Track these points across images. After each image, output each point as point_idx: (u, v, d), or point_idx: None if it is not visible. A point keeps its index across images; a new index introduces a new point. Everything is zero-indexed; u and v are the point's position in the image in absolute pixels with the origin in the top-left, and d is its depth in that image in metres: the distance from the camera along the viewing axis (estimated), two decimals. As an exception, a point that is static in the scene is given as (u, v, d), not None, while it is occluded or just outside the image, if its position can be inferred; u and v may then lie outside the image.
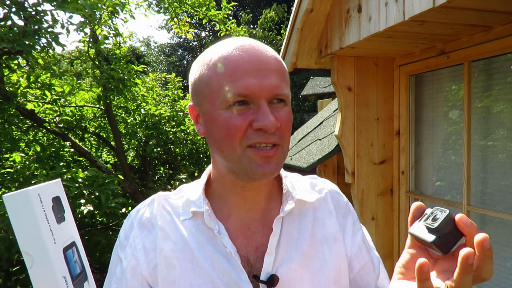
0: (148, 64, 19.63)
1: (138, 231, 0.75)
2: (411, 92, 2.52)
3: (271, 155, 0.65)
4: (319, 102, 5.26)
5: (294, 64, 2.56)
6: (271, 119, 0.62)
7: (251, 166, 0.65)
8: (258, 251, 0.73)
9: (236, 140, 0.64)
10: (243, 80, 0.63)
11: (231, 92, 0.63)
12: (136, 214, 0.78)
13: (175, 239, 0.72)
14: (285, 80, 0.68)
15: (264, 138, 0.63)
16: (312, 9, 2.29)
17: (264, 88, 0.63)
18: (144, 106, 5.66)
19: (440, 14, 1.58)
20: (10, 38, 2.90)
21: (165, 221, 0.75)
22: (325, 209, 0.80)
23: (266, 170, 0.65)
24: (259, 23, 10.23)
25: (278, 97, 0.65)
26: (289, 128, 0.68)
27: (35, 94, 4.48)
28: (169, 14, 6.07)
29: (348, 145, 2.47)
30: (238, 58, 0.64)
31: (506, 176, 1.95)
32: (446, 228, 0.50)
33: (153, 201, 0.78)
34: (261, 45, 0.69)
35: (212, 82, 0.66)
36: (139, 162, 5.97)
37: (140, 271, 0.72)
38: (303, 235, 0.75)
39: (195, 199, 0.75)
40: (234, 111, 0.64)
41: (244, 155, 0.65)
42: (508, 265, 1.96)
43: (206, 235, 0.72)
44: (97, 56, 4.55)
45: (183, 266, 0.70)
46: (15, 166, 4.27)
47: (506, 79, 1.94)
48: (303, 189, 0.81)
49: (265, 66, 0.65)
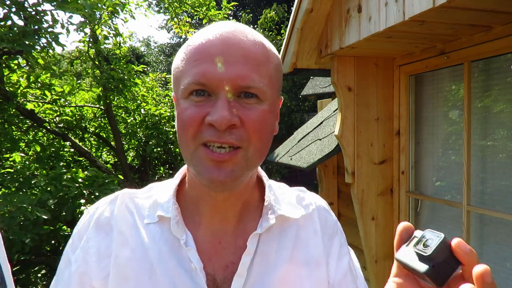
0: (148, 64, 19.62)
1: (94, 232, 0.64)
2: (411, 92, 2.52)
3: (223, 160, 0.54)
4: (319, 102, 5.26)
5: (294, 64, 2.56)
6: (222, 114, 0.52)
7: (199, 169, 0.55)
8: (227, 270, 0.62)
9: (189, 135, 0.55)
10: (202, 65, 0.54)
11: (188, 79, 0.55)
12: (94, 211, 0.66)
13: (134, 246, 0.62)
14: (262, 71, 0.56)
15: (216, 136, 0.53)
16: (312, 9, 2.29)
17: (225, 77, 0.53)
18: (144, 106, 5.67)
19: (440, 14, 1.58)
20: (10, 38, 2.90)
21: (125, 224, 0.64)
22: (310, 228, 0.69)
23: (215, 176, 0.54)
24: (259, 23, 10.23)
25: (246, 90, 0.54)
26: (259, 130, 0.56)
27: (35, 94, 4.48)
28: (169, 14, 6.08)
29: (348, 145, 2.47)
30: (205, 42, 0.55)
31: (506, 176, 1.95)
32: (441, 256, 0.43)
33: (116, 199, 0.67)
34: (242, 29, 0.58)
35: (178, 69, 0.58)
36: (139, 162, 5.97)
37: (89, 279, 0.61)
38: (281, 257, 0.64)
39: (164, 201, 0.65)
40: (192, 101, 0.55)
41: (195, 154, 0.55)
42: (508, 265, 1.96)
43: (170, 245, 0.62)
44: (97, 56, 4.55)
45: (138, 279, 0.60)
46: (15, 166, 4.27)
47: (506, 79, 1.94)
48: (288, 202, 0.70)
49: (233, 52, 0.54)
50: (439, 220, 2.41)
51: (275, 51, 0.62)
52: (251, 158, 0.57)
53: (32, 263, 3.98)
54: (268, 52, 0.59)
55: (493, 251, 2.04)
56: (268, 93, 0.57)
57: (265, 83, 0.56)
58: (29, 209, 2.83)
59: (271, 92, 0.58)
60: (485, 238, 2.09)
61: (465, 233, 2.11)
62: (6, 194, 3.12)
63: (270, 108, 0.58)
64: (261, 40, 0.59)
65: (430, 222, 2.44)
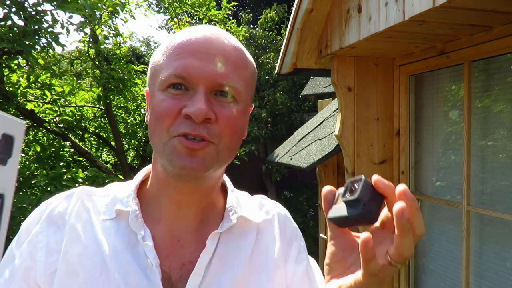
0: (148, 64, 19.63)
1: (45, 226, 0.61)
2: (411, 92, 2.52)
3: (196, 148, 0.55)
4: (319, 102, 5.26)
5: (294, 64, 2.57)
6: (200, 106, 0.53)
7: (172, 157, 0.56)
8: (184, 269, 0.61)
9: (164, 126, 0.56)
10: (184, 60, 0.56)
11: (168, 71, 0.56)
12: (47, 206, 0.64)
13: (86, 242, 0.60)
14: (240, 74, 0.59)
15: (191, 128, 0.54)
16: (312, 9, 2.29)
17: (206, 73, 0.55)
18: (144, 106, 5.66)
19: (440, 14, 1.58)
20: (10, 38, 2.90)
21: (79, 220, 0.62)
22: (270, 233, 0.70)
23: (187, 163, 0.55)
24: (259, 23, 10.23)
25: (223, 88, 0.57)
26: (231, 127, 0.58)
27: (35, 94, 4.48)
28: (169, 14, 6.08)
29: (348, 145, 2.47)
30: (188, 38, 0.58)
31: (506, 176, 1.95)
32: (367, 194, 0.46)
33: (72, 195, 0.65)
34: (226, 35, 0.61)
35: (158, 63, 0.60)
36: (139, 162, 5.97)
37: (34, 274, 0.58)
38: (240, 258, 0.64)
39: (123, 196, 0.64)
40: (169, 93, 0.56)
41: (169, 143, 0.56)
42: (508, 265, 1.96)
43: (126, 241, 0.61)
44: (97, 56, 4.55)
45: (88, 275, 0.58)
46: (15, 166, 4.26)
47: (506, 79, 1.94)
48: (249, 207, 0.71)
49: (215, 51, 0.57)
50: (439, 220, 2.41)
51: (251, 59, 0.65)
52: (222, 152, 0.58)
53: (32, 263, 3.98)
54: (247, 59, 0.63)
55: (493, 251, 2.04)
56: (243, 95, 0.60)
57: (242, 85, 0.59)
58: (29, 209, 2.83)
59: (246, 96, 0.61)
60: (485, 238, 2.09)
61: (465, 233, 2.11)
62: (6, 194, 3.12)
63: (243, 109, 0.61)
64: (241, 47, 0.62)
65: (430, 222, 2.44)
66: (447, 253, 2.34)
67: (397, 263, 0.45)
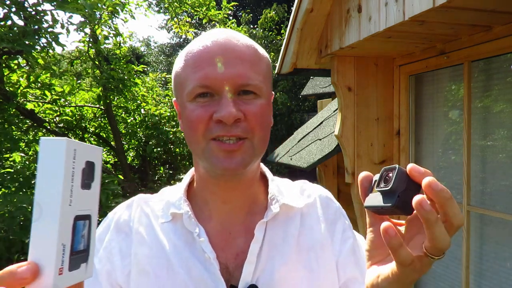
0: (148, 64, 19.63)
1: (115, 234, 0.69)
2: (411, 92, 2.52)
3: (234, 149, 0.60)
4: (319, 102, 5.27)
5: (294, 64, 2.57)
6: (229, 110, 0.58)
7: (212, 160, 0.61)
8: (238, 258, 0.67)
9: (199, 133, 0.61)
10: (204, 70, 0.60)
11: (193, 83, 0.61)
12: (113, 216, 0.72)
13: (151, 244, 0.68)
14: (256, 69, 0.63)
15: (225, 130, 0.59)
16: (312, 9, 2.29)
17: (227, 78, 0.60)
18: (144, 106, 5.67)
19: (440, 14, 1.58)
20: (10, 38, 2.90)
21: (142, 225, 0.70)
22: (313, 215, 0.74)
23: (227, 165, 0.60)
24: (259, 23, 10.23)
25: (245, 88, 0.61)
26: (260, 121, 0.62)
27: (35, 94, 4.48)
28: (169, 14, 6.08)
29: (348, 145, 2.47)
30: (203, 48, 0.62)
31: (506, 176, 1.95)
32: (402, 184, 0.45)
33: (132, 204, 0.73)
34: (235, 35, 0.65)
35: (181, 75, 0.64)
36: (139, 162, 5.98)
37: (115, 277, 0.66)
38: (288, 243, 0.69)
39: (175, 200, 0.71)
40: (198, 103, 0.61)
41: (207, 148, 0.61)
42: (508, 265, 1.96)
43: (184, 239, 0.67)
44: (97, 56, 4.55)
45: (157, 273, 0.65)
46: (15, 166, 4.27)
47: (506, 79, 1.94)
48: (291, 193, 0.75)
49: (230, 55, 0.61)
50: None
51: (264, 52, 0.69)
52: (256, 146, 0.63)
53: (32, 263, 3.98)
54: (260, 54, 0.67)
55: (493, 251, 2.04)
56: (264, 89, 0.64)
57: (260, 80, 0.63)
58: (29, 209, 2.83)
59: (266, 88, 0.65)
60: (485, 238, 2.09)
61: (465, 233, 2.11)
62: (6, 194, 3.12)
63: (266, 101, 0.65)
64: (252, 43, 0.66)
65: (430, 222, 2.44)
66: (447, 253, 2.33)
67: (432, 254, 0.43)
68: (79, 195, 0.42)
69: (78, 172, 0.42)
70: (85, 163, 0.43)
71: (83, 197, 0.43)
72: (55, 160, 0.40)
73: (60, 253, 0.39)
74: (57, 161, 0.40)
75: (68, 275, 0.41)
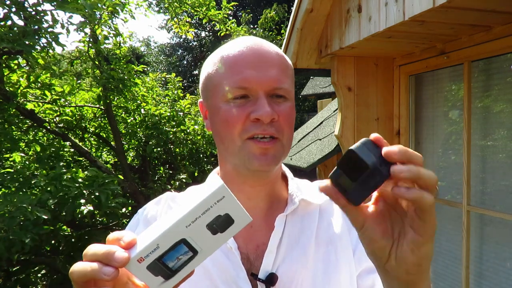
0: (148, 64, 19.62)
1: (143, 228, 0.75)
2: (411, 92, 2.52)
3: (268, 147, 0.65)
4: (319, 102, 5.27)
5: (294, 64, 2.57)
6: (266, 109, 0.63)
7: (249, 157, 0.65)
8: (259, 250, 0.72)
9: (235, 132, 0.65)
10: (242, 73, 0.65)
11: (231, 85, 0.65)
12: (142, 212, 0.79)
13: None
14: (286, 75, 0.69)
15: (261, 129, 0.64)
16: (312, 9, 2.29)
17: (263, 81, 0.65)
18: (144, 106, 5.66)
19: (440, 14, 1.58)
20: (10, 38, 2.90)
21: None
22: (331, 211, 0.78)
23: (263, 161, 0.65)
24: (259, 23, 10.23)
25: (277, 91, 0.66)
26: (289, 122, 0.68)
27: (35, 94, 4.48)
28: (169, 14, 6.08)
29: (348, 145, 2.47)
30: (238, 53, 0.67)
31: (506, 176, 1.95)
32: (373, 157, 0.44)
33: (160, 200, 0.79)
34: (265, 42, 0.70)
35: (215, 78, 0.69)
36: (139, 162, 5.97)
37: None
38: (306, 236, 0.73)
39: None
40: (235, 103, 0.65)
41: (243, 147, 0.66)
42: (508, 265, 1.96)
43: None
44: (97, 56, 4.55)
45: None
46: (15, 166, 4.27)
47: (506, 79, 1.94)
48: (310, 191, 0.79)
49: (264, 60, 0.66)
50: (439, 220, 2.41)
51: (288, 58, 0.74)
52: (285, 145, 0.69)
53: (32, 263, 3.98)
54: (287, 60, 0.72)
55: (493, 251, 2.04)
56: (292, 93, 0.70)
57: (290, 84, 0.69)
58: (29, 209, 2.83)
59: (292, 92, 0.71)
60: (485, 238, 2.09)
61: (465, 233, 2.11)
62: (6, 194, 3.12)
63: (292, 104, 0.71)
64: (280, 51, 0.72)
65: (430, 222, 2.44)
66: (447, 253, 2.34)
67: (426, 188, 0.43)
68: (200, 229, 0.46)
69: (212, 213, 0.45)
70: (225, 214, 0.46)
71: (202, 233, 0.46)
72: (206, 193, 0.45)
73: (151, 248, 0.44)
74: (206, 194, 0.45)
75: (142, 269, 0.44)
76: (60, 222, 3.67)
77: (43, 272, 4.35)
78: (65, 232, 3.96)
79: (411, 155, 0.44)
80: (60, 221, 3.60)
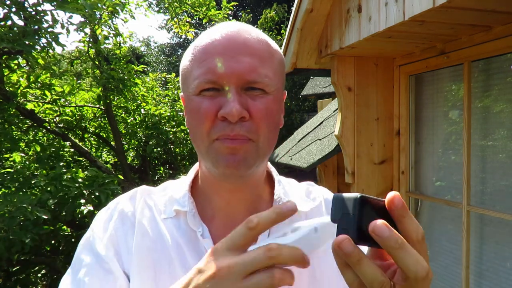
0: (148, 64, 19.62)
1: (119, 223, 0.67)
2: (411, 92, 2.52)
3: (236, 146, 0.57)
4: (319, 102, 5.27)
5: (294, 64, 2.57)
6: (233, 106, 0.55)
7: (216, 158, 0.59)
8: None
9: (204, 130, 0.59)
10: (210, 64, 0.57)
11: (197, 78, 0.58)
12: (115, 206, 0.70)
13: (153, 238, 0.66)
14: (267, 64, 0.60)
15: (229, 129, 0.56)
16: (312, 9, 2.29)
17: (233, 73, 0.56)
18: (144, 106, 5.66)
19: (440, 14, 1.58)
20: (10, 38, 2.90)
21: (144, 217, 0.68)
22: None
23: (230, 162, 0.57)
24: (259, 23, 10.23)
25: (252, 84, 0.58)
26: (267, 121, 0.59)
27: (35, 94, 4.48)
28: (169, 14, 6.08)
29: (348, 145, 2.47)
30: (211, 41, 0.59)
31: (506, 176, 1.95)
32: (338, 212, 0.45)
33: (135, 195, 0.71)
34: (246, 28, 0.62)
35: (187, 68, 0.62)
36: (139, 162, 5.97)
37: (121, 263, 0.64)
38: None
39: (179, 197, 0.69)
40: (204, 96, 0.58)
41: (210, 147, 0.59)
42: (508, 265, 1.96)
43: (187, 237, 0.66)
44: (97, 56, 4.55)
45: (158, 268, 0.64)
46: (15, 166, 4.27)
47: (506, 79, 1.94)
48: (297, 197, 0.73)
49: (237, 47, 0.58)
50: (439, 220, 2.41)
51: (277, 47, 0.66)
52: (261, 147, 0.60)
53: (32, 263, 3.98)
54: (272, 48, 0.63)
55: (493, 251, 2.04)
56: (273, 86, 0.60)
57: (270, 77, 0.60)
58: (29, 209, 2.83)
59: (276, 85, 0.61)
60: (485, 238, 2.09)
61: (465, 233, 2.11)
62: (6, 194, 3.12)
63: (275, 99, 0.61)
64: (264, 38, 0.63)
65: (430, 222, 2.44)
66: (447, 253, 2.34)
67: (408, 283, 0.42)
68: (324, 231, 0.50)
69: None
70: (314, 227, 0.51)
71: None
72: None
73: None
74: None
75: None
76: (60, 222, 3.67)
77: (43, 272, 4.35)
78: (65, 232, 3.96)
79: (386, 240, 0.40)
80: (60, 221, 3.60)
